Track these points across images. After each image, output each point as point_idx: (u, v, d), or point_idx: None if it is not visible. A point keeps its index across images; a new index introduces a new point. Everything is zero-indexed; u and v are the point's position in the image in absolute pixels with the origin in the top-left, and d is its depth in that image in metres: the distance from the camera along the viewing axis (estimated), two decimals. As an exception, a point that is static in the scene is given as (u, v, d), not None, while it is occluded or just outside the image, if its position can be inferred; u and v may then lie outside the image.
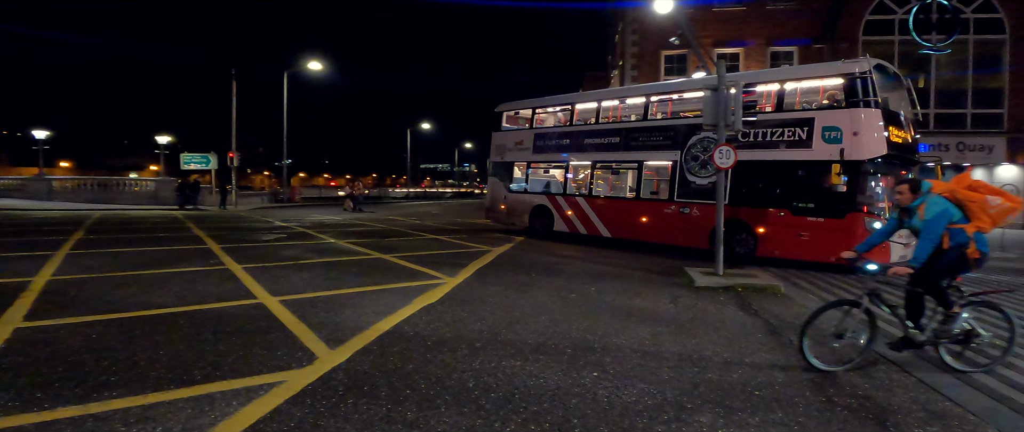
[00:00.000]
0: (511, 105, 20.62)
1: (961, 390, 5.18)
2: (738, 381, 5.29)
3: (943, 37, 26.49)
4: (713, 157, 10.17)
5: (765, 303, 8.81)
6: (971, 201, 5.63)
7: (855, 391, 5.10)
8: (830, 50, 27.19)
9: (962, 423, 4.47)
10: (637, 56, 29.65)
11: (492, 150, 20.46)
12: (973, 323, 5.70)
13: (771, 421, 4.41)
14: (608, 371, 5.47)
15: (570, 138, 17.83)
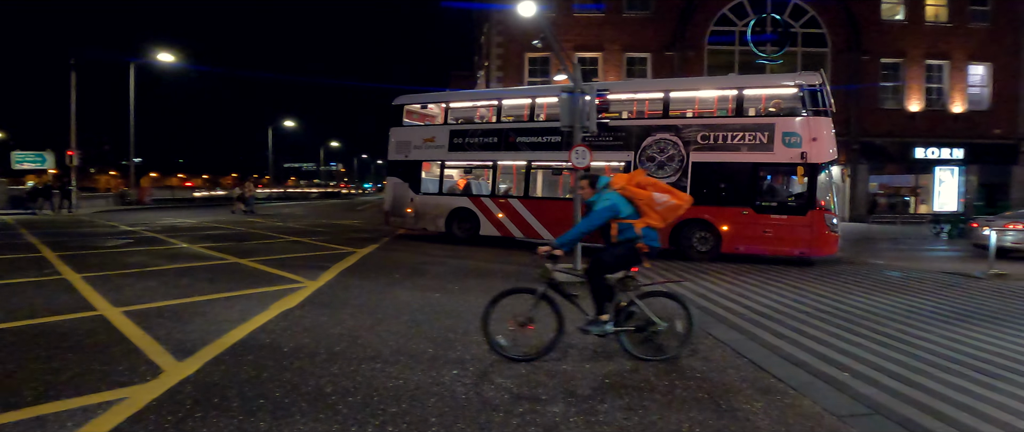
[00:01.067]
0: (414, 98, 19.22)
1: (785, 368, 5.79)
2: (590, 371, 5.61)
3: (776, 48, 29.17)
4: (570, 157, 10.63)
5: (618, 296, 9.34)
6: (639, 198, 5.84)
7: (694, 374, 5.58)
8: (680, 58, 29.14)
9: (784, 396, 5.03)
10: (502, 57, 30.19)
11: (392, 148, 18.51)
12: (650, 313, 5.87)
13: (618, 406, 4.73)
14: (468, 369, 5.60)
15: (499, 136, 16.75)
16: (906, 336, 7.06)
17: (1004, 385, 5.31)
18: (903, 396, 5.00)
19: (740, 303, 8.97)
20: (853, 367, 5.78)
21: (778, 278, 11.57)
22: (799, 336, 6.99)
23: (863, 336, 7.02)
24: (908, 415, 4.59)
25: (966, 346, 6.63)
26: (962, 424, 4.43)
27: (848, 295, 9.83)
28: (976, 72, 30.46)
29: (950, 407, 4.76)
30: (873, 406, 4.78)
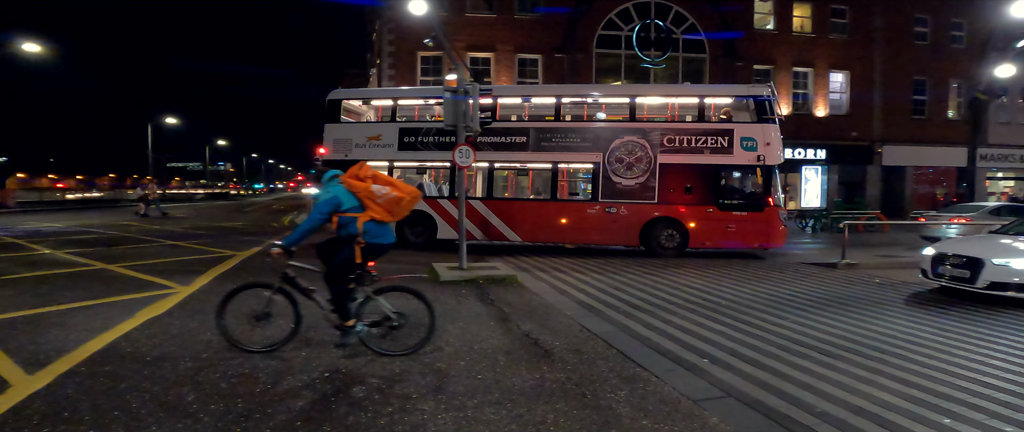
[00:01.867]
0: (354, 92, 18.29)
1: (651, 357, 6.06)
2: (464, 368, 5.65)
3: (659, 53, 30.46)
4: (453, 156, 10.67)
5: (502, 293, 9.47)
6: (357, 190, 5.74)
7: (565, 366, 5.73)
8: (569, 60, 29.83)
9: (647, 384, 5.26)
10: (394, 55, 29.78)
11: (329, 146, 16.92)
12: (388, 308, 5.89)
13: (487, 401, 4.79)
14: (341, 372, 5.50)
15: (458, 136, 16.13)
16: (764, 323, 7.58)
17: (843, 364, 5.80)
18: (754, 379, 5.36)
19: (617, 296, 9.31)
20: (713, 353, 6.14)
21: (657, 272, 12.09)
22: (667, 326, 7.34)
23: (726, 324, 7.48)
24: (757, 397, 4.93)
25: (815, 330, 7.20)
26: (802, 401, 4.81)
27: (718, 286, 10.42)
28: (836, 79, 33.07)
29: (794, 387, 5.15)
30: (727, 389, 5.10)
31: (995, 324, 7.68)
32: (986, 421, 4.44)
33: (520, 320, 7.63)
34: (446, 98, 10.78)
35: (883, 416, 4.51)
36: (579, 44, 30.11)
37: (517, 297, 9.18)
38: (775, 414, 4.55)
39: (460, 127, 10.65)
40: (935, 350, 6.36)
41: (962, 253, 9.42)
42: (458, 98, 10.58)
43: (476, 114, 10.66)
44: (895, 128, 33.44)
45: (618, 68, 30.65)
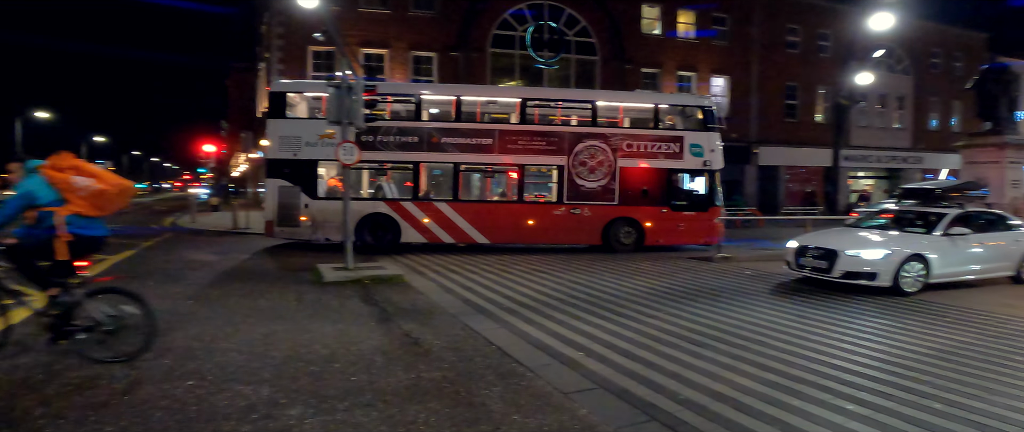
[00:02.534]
0: (303, 85, 17.15)
1: (529, 352, 6.12)
2: (338, 370, 5.49)
3: (552, 55, 31.02)
4: (337, 153, 10.39)
5: (387, 292, 9.30)
6: (57, 182, 5.30)
7: (442, 365, 5.69)
8: (464, 58, 29.82)
9: (522, 379, 5.30)
10: (284, 49, 28.67)
11: (274, 144, 15.33)
12: (99, 311, 5.43)
13: (359, 403, 4.67)
14: (207, 378, 5.21)
15: (421, 136, 15.44)
16: (640, 315, 7.84)
17: (709, 352, 6.09)
18: (625, 370, 5.53)
19: (503, 294, 9.36)
20: (589, 347, 6.28)
21: (545, 269, 12.26)
22: (549, 321, 7.45)
23: (605, 318, 7.68)
24: (626, 387, 5.08)
25: (686, 321, 7.52)
26: (667, 390, 5.00)
27: (602, 281, 10.70)
28: (718, 83, 34.90)
29: (662, 376, 5.35)
30: (599, 381, 5.22)
31: (848, 310, 8.32)
32: (831, 400, 4.78)
33: (402, 320, 7.52)
34: (330, 93, 10.45)
35: (740, 400, 4.75)
36: (474, 43, 30.14)
37: (402, 297, 9.05)
38: (641, 403, 4.70)
39: (344, 124, 10.37)
40: (793, 336, 6.81)
41: (820, 245, 10.15)
42: (342, 93, 10.28)
43: (360, 110, 10.41)
44: (770, 130, 35.69)
45: (512, 68, 30.94)
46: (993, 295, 9.79)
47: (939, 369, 5.62)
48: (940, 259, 9.85)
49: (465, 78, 29.61)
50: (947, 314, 8.21)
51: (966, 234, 10.24)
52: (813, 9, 36.84)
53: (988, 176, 16.95)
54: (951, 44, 41.28)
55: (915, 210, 11.35)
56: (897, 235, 10.47)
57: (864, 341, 6.64)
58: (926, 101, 40.86)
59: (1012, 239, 10.97)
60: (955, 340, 6.75)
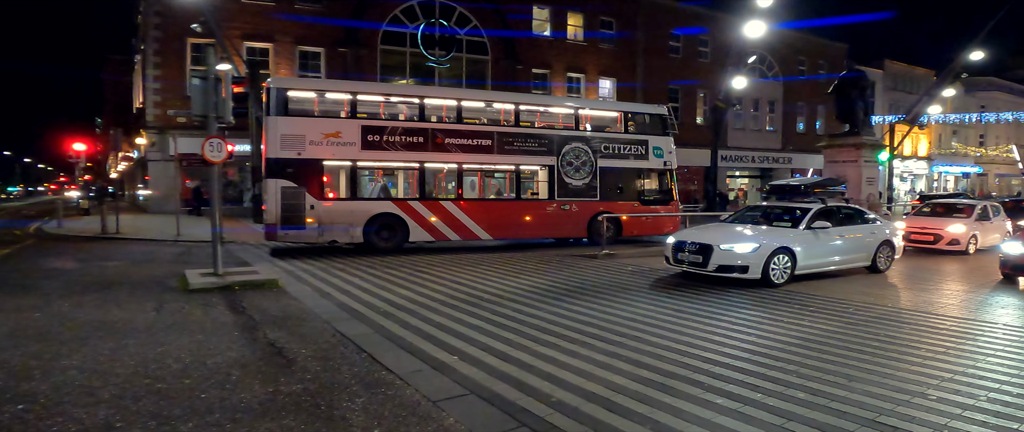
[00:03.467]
0: (303, 83, 17.42)
1: (400, 358, 5.81)
2: (188, 386, 4.98)
3: (444, 53, 30.71)
4: (203, 149, 9.65)
5: (258, 299, 8.70)
6: None
7: (305, 376, 5.29)
8: (353, 55, 28.95)
9: (389, 388, 5.00)
10: (160, 41, 26.69)
11: (275, 142, 14.40)
12: None
13: (206, 423, 4.23)
14: (39, 402, 4.60)
15: (426, 136, 15.60)
16: (520, 314, 7.71)
17: (585, 351, 6.02)
18: (499, 373, 5.34)
19: (381, 297, 8.98)
20: (464, 350, 6.06)
21: (428, 269, 11.95)
22: (425, 324, 7.17)
23: (483, 318, 7.48)
24: (499, 391, 4.89)
25: (565, 319, 7.46)
26: (541, 392, 4.85)
27: (485, 280, 10.53)
28: (605, 86, 35.82)
29: (536, 378, 5.20)
30: (471, 386, 5.01)
31: (721, 303, 8.56)
32: (701, 395, 4.80)
33: (269, 328, 7.01)
34: (194, 84, 9.66)
35: (612, 399, 4.68)
36: (363, 39, 29.34)
37: (273, 303, 8.48)
38: (512, 407, 4.53)
39: (210, 117, 9.62)
40: (668, 330, 6.88)
41: (696, 240, 10.46)
42: (208, 85, 9.53)
43: (228, 103, 9.69)
44: (656, 131, 37.00)
45: (403, 66, 30.38)
46: (851, 284, 10.44)
47: (803, 358, 5.82)
48: (804, 251, 10.39)
49: (354, 75, 28.78)
50: (811, 304, 8.63)
51: (827, 228, 10.87)
52: (694, 16, 38.55)
53: (847, 174, 18.27)
54: (815, 53, 44.46)
55: (782, 206, 11.95)
56: (766, 230, 10.97)
57: (735, 333, 6.81)
58: (794, 105, 43.79)
59: (868, 232, 11.76)
60: (818, 329, 7.06)
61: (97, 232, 18.18)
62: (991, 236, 15.59)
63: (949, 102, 51.04)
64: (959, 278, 11.47)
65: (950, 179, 59.76)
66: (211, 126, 9.72)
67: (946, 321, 7.60)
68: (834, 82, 19.90)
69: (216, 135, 9.71)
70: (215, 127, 9.74)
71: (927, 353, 6.04)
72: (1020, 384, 5.11)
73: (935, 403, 4.64)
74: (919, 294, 9.72)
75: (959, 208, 16.43)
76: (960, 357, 5.92)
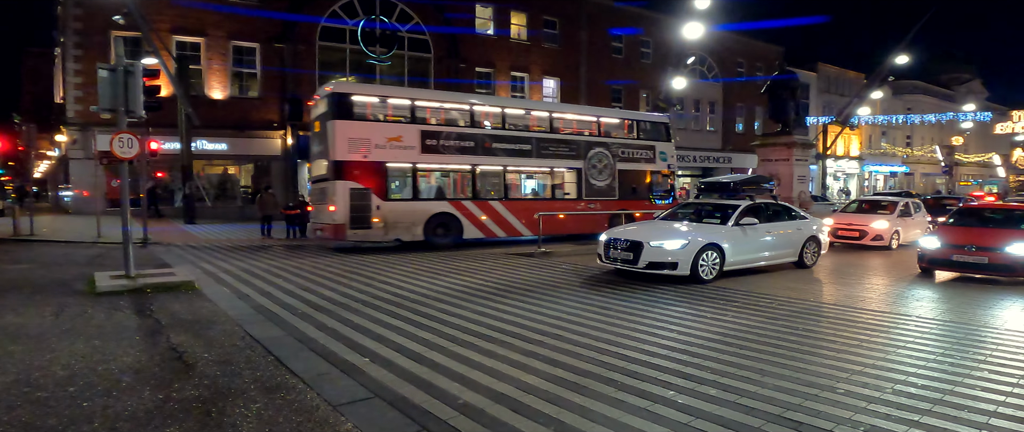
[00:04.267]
0: (365, 89, 18.88)
1: (308, 361, 5.55)
2: (71, 395, 4.63)
3: (385, 50, 30.21)
4: (111, 145, 9.13)
5: (169, 302, 8.25)
6: None
7: (202, 382, 4.97)
8: (291, 50, 28.20)
9: (289, 392, 4.74)
10: (82, 33, 25.42)
11: (342, 144, 14.90)
12: None
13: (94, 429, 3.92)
14: None
15: (476, 141, 17.04)
16: (443, 314, 7.51)
17: (503, 350, 5.87)
18: (409, 375, 5.13)
19: (303, 298, 8.65)
20: (377, 352, 5.83)
21: (358, 269, 11.64)
22: (342, 325, 6.90)
23: (404, 319, 7.25)
24: (405, 394, 4.68)
25: (488, 318, 7.30)
26: (448, 394, 4.67)
27: (415, 279, 10.28)
28: (549, 85, 35.89)
29: (446, 379, 5.01)
30: (377, 389, 4.78)
31: (649, 300, 8.54)
32: (613, 394, 4.69)
33: (174, 332, 6.63)
34: (101, 76, 9.09)
35: (521, 401, 4.53)
36: (301, 35, 28.60)
37: (185, 306, 8.06)
38: (416, 411, 4.33)
39: (119, 112, 9.09)
40: (590, 328, 6.79)
41: (627, 237, 10.45)
42: (116, 77, 9.01)
43: (139, 96, 9.18)
44: (599, 131, 37.26)
45: (343, 62, 29.75)
46: (778, 279, 10.61)
47: (720, 354, 5.80)
48: (733, 248, 10.51)
49: (292, 71, 28.05)
50: (737, 299, 8.70)
51: (755, 224, 11.03)
52: (634, 17, 39.00)
53: (780, 172, 18.70)
54: (754, 56, 45.60)
55: (713, 203, 12.08)
56: (696, 226, 11.06)
57: (657, 330, 6.76)
58: (733, 107, 44.81)
59: (795, 228, 11.99)
60: (740, 324, 7.09)
61: (9, 234, 17.15)
62: (913, 232, 16.16)
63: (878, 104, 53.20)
64: (881, 272, 11.80)
65: (880, 178, 62.24)
66: (121, 121, 9.19)
67: (863, 314, 7.75)
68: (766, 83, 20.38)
69: (126, 130, 9.19)
70: (125, 122, 9.22)
71: (841, 346, 6.11)
72: (925, 375, 5.18)
73: (842, 397, 4.65)
74: (841, 288, 9.93)
75: (883, 205, 16.99)
76: (872, 350, 6.00)
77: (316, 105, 16.74)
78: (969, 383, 4.99)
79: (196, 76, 26.71)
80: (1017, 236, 10.42)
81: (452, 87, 31.80)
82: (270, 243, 16.95)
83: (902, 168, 64.03)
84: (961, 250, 10.57)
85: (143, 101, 9.29)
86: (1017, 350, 6.06)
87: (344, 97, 15.53)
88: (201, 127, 24.76)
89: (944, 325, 7.16)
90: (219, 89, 27.24)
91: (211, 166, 28.90)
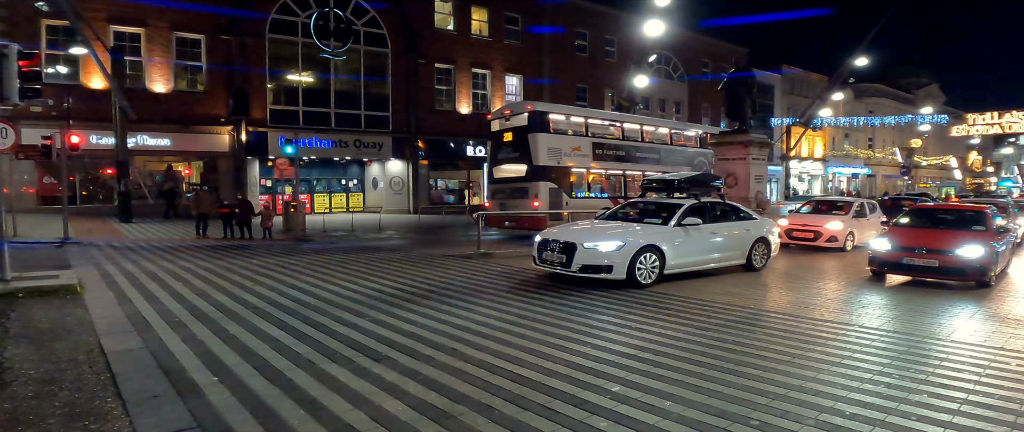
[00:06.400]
0: (555, 108, 21.95)
1: (145, 380, 4.72)
2: None
3: (339, 44, 29.18)
4: None
5: (35, 309, 7.31)
6: None
7: (2, 406, 4.12)
8: (238, 42, 27.05)
9: (98, 420, 3.94)
10: (8, 20, 23.98)
11: (542, 153, 19.01)
12: None
13: None
14: None
15: (627, 151, 21.46)
16: (336, 323, 6.69)
17: (379, 369, 5.08)
18: (253, 399, 4.32)
19: (189, 303, 7.75)
20: (234, 369, 5.00)
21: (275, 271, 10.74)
22: (214, 336, 6.05)
23: (289, 328, 6.42)
24: (236, 423, 3.89)
25: (386, 328, 6.49)
26: (287, 425, 3.88)
27: (331, 282, 9.42)
28: (511, 82, 35.16)
29: (290, 405, 4.21)
30: (204, 418, 3.98)
31: (574, 307, 7.79)
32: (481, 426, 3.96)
33: (16, 344, 5.74)
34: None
35: None
36: (249, 27, 27.45)
37: (50, 313, 7.12)
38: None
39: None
40: (495, 343, 6.03)
41: (560, 238, 9.71)
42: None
43: (13, 82, 8.21)
44: (562, 130, 36.65)
45: (295, 57, 28.69)
46: (721, 284, 9.96)
47: (628, 373, 5.08)
48: (674, 249, 9.84)
49: (240, 63, 26.94)
50: (671, 306, 8.01)
51: (699, 225, 10.38)
52: (598, 14, 38.49)
53: (736, 171, 18.18)
54: (719, 56, 45.42)
55: (656, 202, 11.42)
56: (635, 227, 10.36)
57: (570, 343, 6.03)
58: (699, 106, 44.56)
59: (743, 229, 11.38)
60: (665, 335, 6.39)
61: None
62: (868, 233, 15.73)
63: (841, 106, 53.51)
64: (831, 275, 11.24)
65: (843, 179, 62.69)
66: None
67: (802, 324, 7.10)
68: (723, 80, 19.88)
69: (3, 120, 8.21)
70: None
71: (770, 362, 5.44)
72: (855, 400, 4.51)
73: (754, 430, 3.96)
74: (786, 294, 9.32)
75: (838, 205, 16.56)
76: (803, 367, 5.32)
77: (507, 119, 20.51)
78: (904, 411, 4.32)
79: (136, 68, 25.45)
80: (968, 237, 9.93)
81: (410, 83, 30.96)
82: (202, 242, 15.95)
83: (864, 170, 64.61)
84: (911, 252, 10.03)
85: (18, 87, 8.31)
86: (962, 366, 5.44)
87: (544, 115, 19.77)
88: (141, 122, 23.56)
89: (887, 336, 6.54)
90: (161, 82, 25.98)
91: (153, 163, 27.61)
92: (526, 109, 19.65)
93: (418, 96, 31.57)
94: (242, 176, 27.48)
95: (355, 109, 30.29)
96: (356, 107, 30.31)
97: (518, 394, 4.50)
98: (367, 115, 30.54)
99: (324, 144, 29.05)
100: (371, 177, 32.51)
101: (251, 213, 17.97)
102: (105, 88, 23.06)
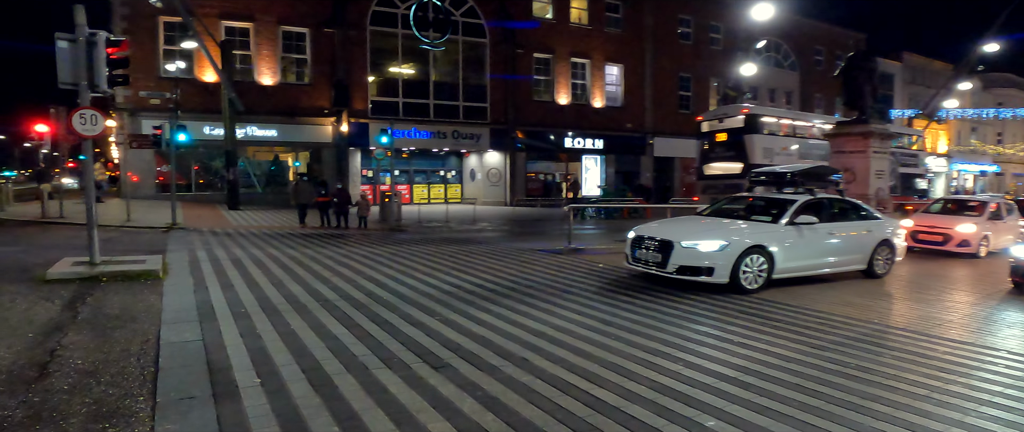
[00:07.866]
0: (765, 110, 23.62)
1: (191, 381, 4.40)
2: None
3: (438, 35, 29.19)
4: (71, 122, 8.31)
5: (112, 294, 7.31)
6: None
7: (32, 399, 3.92)
8: (341, 35, 27.57)
9: (120, 422, 3.61)
10: (129, 19, 25.54)
11: (758, 152, 21.01)
12: None
13: None
14: None
15: (824, 150, 21.04)
16: (405, 321, 6.20)
17: (434, 380, 4.54)
18: (289, 408, 3.85)
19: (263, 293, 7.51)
20: (281, 370, 4.58)
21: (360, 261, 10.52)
22: (273, 330, 5.68)
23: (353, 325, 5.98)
24: None
25: (454, 329, 5.95)
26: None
27: (410, 275, 9.03)
28: (612, 72, 34.08)
29: (326, 418, 3.75)
30: (230, 427, 3.57)
31: (667, 314, 6.98)
32: None
33: (80, 330, 5.64)
34: (60, 47, 8.25)
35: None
36: (352, 19, 27.94)
37: (125, 299, 7.08)
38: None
39: (82, 86, 8.25)
40: (573, 353, 5.36)
41: (656, 236, 8.86)
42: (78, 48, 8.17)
43: (102, 69, 8.32)
44: (664, 121, 35.26)
45: (396, 49, 28.96)
46: (838, 292, 8.78)
47: (729, 402, 4.27)
48: (784, 251, 8.77)
49: (342, 56, 27.51)
50: (779, 317, 7.03)
51: (814, 224, 9.23)
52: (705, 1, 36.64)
53: (854, 165, 16.50)
54: (834, 43, 42.29)
55: (767, 197, 10.32)
56: (741, 224, 9.35)
57: (659, 358, 5.26)
58: (812, 96, 41.70)
59: (864, 229, 10.08)
60: (773, 353, 5.50)
61: (37, 216, 17.04)
62: (1004, 237, 13.76)
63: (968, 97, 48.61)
64: (965, 286, 9.74)
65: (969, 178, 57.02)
66: (84, 96, 8.34)
67: (938, 346, 5.97)
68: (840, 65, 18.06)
69: (89, 106, 8.35)
70: (88, 97, 8.38)
71: (903, 396, 4.47)
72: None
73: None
74: (914, 307, 8.05)
75: (970, 205, 14.63)
76: (944, 405, 4.31)
77: (721, 121, 22.05)
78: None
79: (245, 62, 26.47)
80: None
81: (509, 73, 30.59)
82: (300, 231, 16.21)
83: (993, 167, 58.40)
84: (1074, 263, 8.47)
85: (107, 75, 8.41)
86: None
87: (758, 117, 21.40)
88: (249, 113, 24.56)
89: (1054, 365, 5.36)
90: (269, 75, 26.90)
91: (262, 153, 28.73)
92: (742, 112, 21.38)
93: (516, 86, 31.14)
94: (344, 166, 28.06)
95: (453, 100, 30.27)
96: (454, 98, 30.29)
97: (590, 424, 3.83)
98: (465, 106, 30.44)
99: (423, 135, 29.20)
100: (469, 168, 32.44)
101: (348, 203, 18.17)
102: (216, 82, 24.09)
